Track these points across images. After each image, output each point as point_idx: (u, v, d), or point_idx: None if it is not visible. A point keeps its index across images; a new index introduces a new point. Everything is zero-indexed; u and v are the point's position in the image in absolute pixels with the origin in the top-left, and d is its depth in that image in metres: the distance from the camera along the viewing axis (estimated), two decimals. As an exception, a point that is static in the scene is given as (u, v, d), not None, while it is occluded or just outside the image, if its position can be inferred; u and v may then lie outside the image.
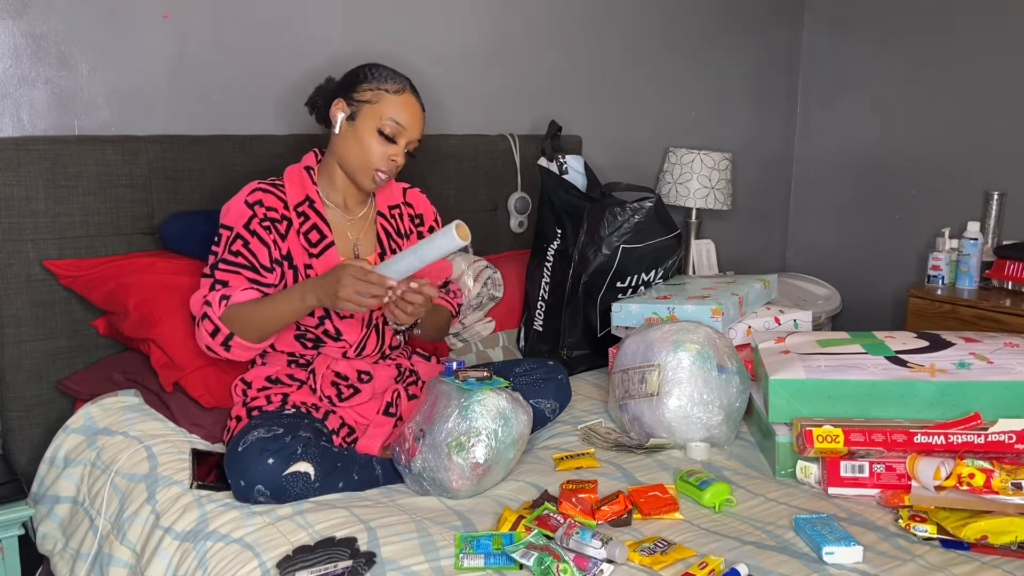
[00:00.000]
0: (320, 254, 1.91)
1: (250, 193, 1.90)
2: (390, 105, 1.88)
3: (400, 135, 1.89)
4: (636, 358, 2.02)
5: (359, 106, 1.89)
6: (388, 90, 1.89)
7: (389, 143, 1.89)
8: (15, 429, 2.14)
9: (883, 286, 3.42)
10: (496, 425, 1.69)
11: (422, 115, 1.93)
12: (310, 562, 1.45)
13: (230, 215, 1.89)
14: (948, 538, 1.55)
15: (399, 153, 1.90)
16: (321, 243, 1.92)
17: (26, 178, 2.07)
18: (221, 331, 1.82)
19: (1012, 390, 1.80)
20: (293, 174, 1.97)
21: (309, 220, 1.93)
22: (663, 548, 1.49)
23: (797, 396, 1.86)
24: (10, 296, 2.09)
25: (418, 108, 1.92)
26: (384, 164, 1.90)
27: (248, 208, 1.88)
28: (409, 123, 1.89)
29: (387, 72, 1.93)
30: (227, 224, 1.89)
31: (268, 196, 1.91)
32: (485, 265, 2.55)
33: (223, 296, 1.83)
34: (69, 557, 1.88)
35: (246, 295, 1.84)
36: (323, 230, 1.93)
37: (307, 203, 1.94)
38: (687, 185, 3.07)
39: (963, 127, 3.17)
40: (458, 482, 1.68)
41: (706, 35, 3.36)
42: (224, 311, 1.82)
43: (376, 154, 1.89)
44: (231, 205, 1.91)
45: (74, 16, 2.15)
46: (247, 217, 1.88)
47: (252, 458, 1.66)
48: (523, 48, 2.91)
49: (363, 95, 1.90)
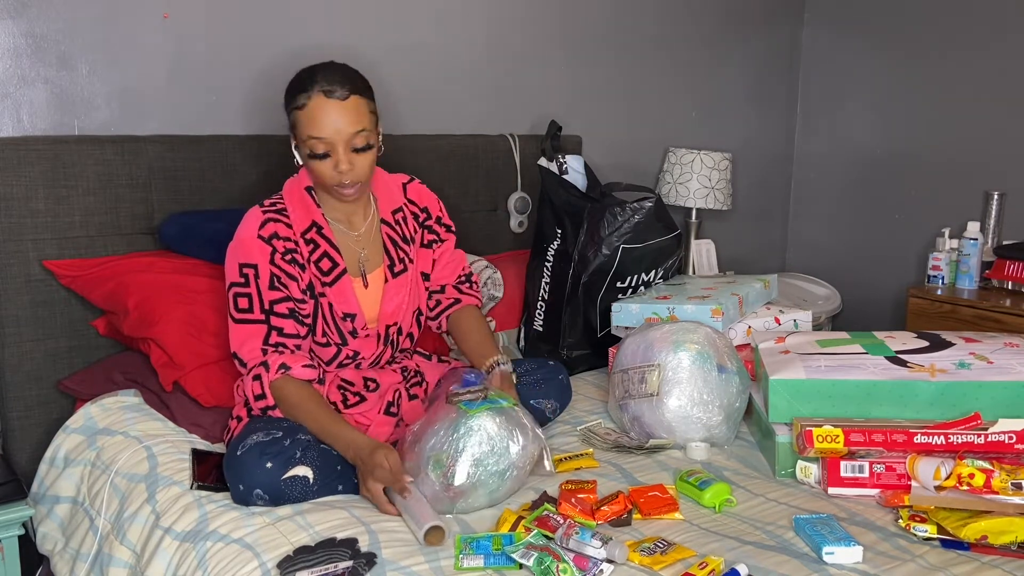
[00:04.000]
0: (333, 282, 1.87)
1: (261, 226, 1.82)
2: (304, 123, 1.75)
3: (329, 147, 1.76)
4: (636, 358, 2.02)
5: (294, 132, 1.81)
6: (299, 107, 1.76)
7: (326, 159, 1.77)
8: (15, 429, 2.14)
9: (883, 286, 3.42)
10: (481, 451, 1.61)
11: (342, 107, 1.74)
12: (311, 562, 1.45)
13: (250, 252, 1.80)
14: (948, 538, 1.55)
15: (341, 161, 1.76)
16: (333, 271, 1.87)
17: (26, 178, 2.07)
18: (266, 398, 1.77)
19: (1012, 390, 1.80)
20: (294, 195, 1.89)
21: (319, 248, 1.87)
22: (663, 548, 1.49)
23: (797, 396, 1.86)
24: (10, 296, 2.09)
25: (332, 104, 1.74)
26: (335, 179, 1.79)
27: (266, 244, 1.80)
28: (327, 129, 1.74)
29: (298, 81, 1.78)
30: (250, 262, 1.80)
31: (279, 226, 1.83)
32: (485, 265, 2.55)
33: (282, 365, 1.76)
34: (69, 557, 1.88)
35: (305, 373, 1.78)
36: (334, 257, 1.87)
37: (314, 229, 1.87)
38: (687, 185, 3.07)
39: (963, 127, 3.17)
40: (431, 498, 1.61)
41: (706, 35, 3.36)
42: (277, 379, 1.76)
43: (323, 174, 1.79)
44: (244, 240, 1.81)
45: (74, 16, 2.16)
46: (268, 253, 1.80)
47: (251, 462, 1.66)
48: (523, 48, 2.91)
49: (290, 120, 1.80)
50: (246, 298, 1.80)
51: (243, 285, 1.80)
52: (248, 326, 1.80)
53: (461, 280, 2.11)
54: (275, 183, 1.97)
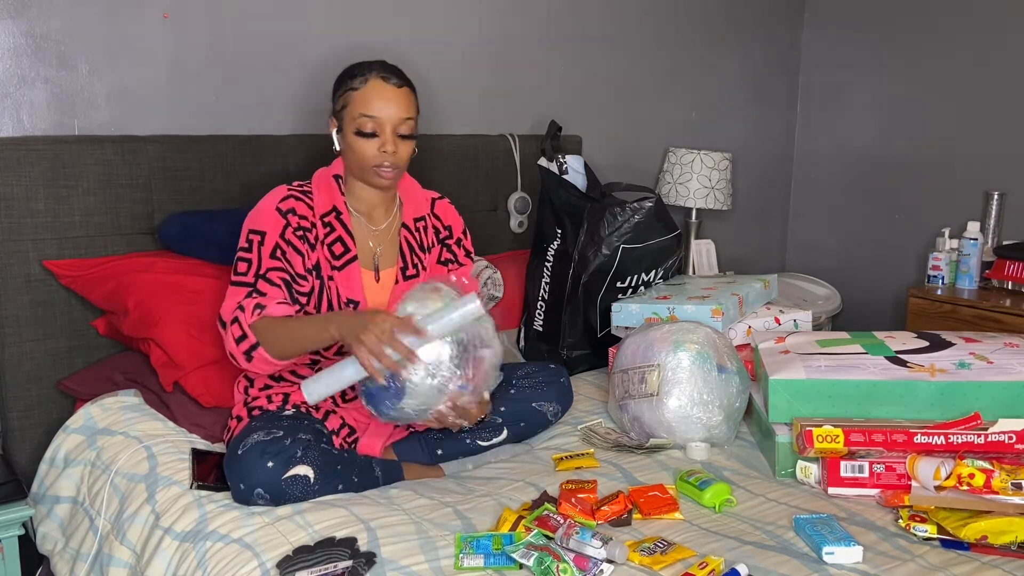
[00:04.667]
0: (343, 267, 1.89)
1: (282, 200, 1.87)
2: (358, 102, 1.83)
3: (378, 126, 1.83)
4: (636, 358, 2.02)
5: (340, 115, 1.87)
6: (354, 88, 1.84)
7: (372, 138, 1.83)
8: (15, 429, 2.14)
9: (883, 286, 3.42)
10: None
11: (397, 92, 1.85)
12: (310, 562, 1.45)
13: (262, 220, 1.85)
14: (948, 538, 1.55)
15: (388, 142, 1.83)
16: (344, 256, 1.89)
17: (26, 178, 2.07)
18: (247, 338, 1.76)
19: (1012, 390, 1.81)
20: (322, 181, 1.94)
21: (335, 232, 1.90)
22: (663, 548, 1.49)
23: (797, 396, 1.86)
24: (10, 296, 2.09)
25: (389, 88, 1.84)
26: (378, 159, 1.84)
27: (282, 216, 1.85)
28: (381, 109, 1.82)
29: (354, 68, 1.87)
30: (259, 229, 1.84)
31: (300, 204, 1.88)
32: (485, 265, 2.55)
33: (257, 305, 1.78)
34: (69, 557, 1.88)
35: (280, 309, 1.80)
36: (347, 243, 1.90)
37: (333, 213, 1.90)
38: (687, 185, 3.07)
39: (963, 127, 3.17)
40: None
41: (706, 35, 3.36)
42: (255, 320, 1.77)
43: (367, 154, 1.84)
44: (262, 209, 1.86)
45: (74, 16, 2.15)
46: (281, 226, 1.84)
47: (252, 461, 1.66)
48: (523, 48, 2.91)
49: (339, 104, 1.87)
50: (245, 263, 1.83)
51: (246, 250, 1.84)
52: (237, 288, 1.82)
53: None
54: (275, 183, 1.96)
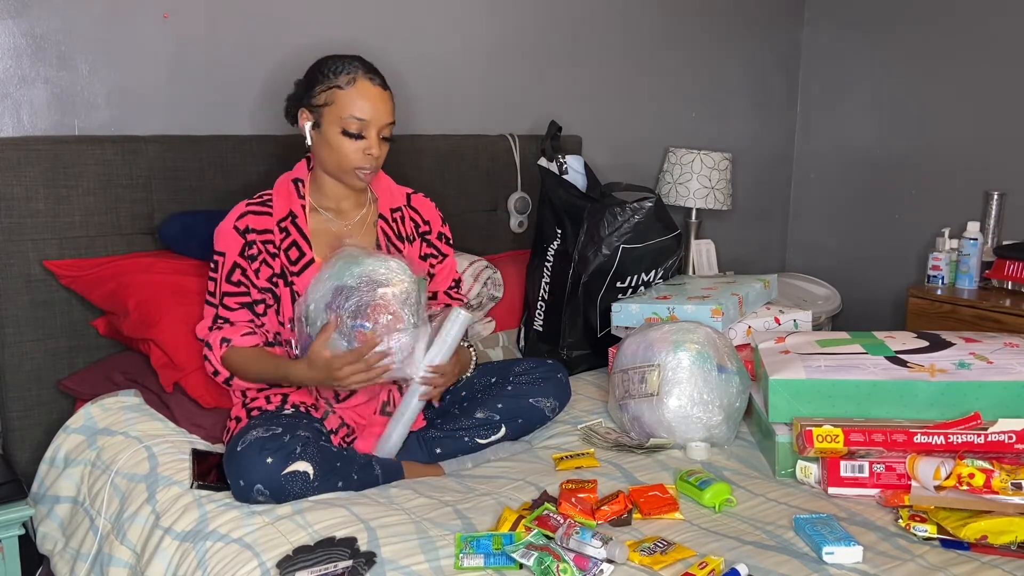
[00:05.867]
0: (300, 272, 1.89)
1: (239, 218, 1.90)
2: (345, 102, 1.82)
3: (365, 128, 1.83)
4: (636, 358, 2.02)
5: (320, 111, 1.86)
6: (340, 85, 1.83)
7: (358, 139, 1.84)
8: (15, 429, 2.14)
9: (883, 286, 3.42)
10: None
11: (383, 95, 1.85)
12: (310, 562, 1.45)
13: (222, 241, 1.90)
14: (948, 538, 1.55)
15: (372, 144, 1.84)
16: (301, 260, 1.90)
17: (26, 178, 2.07)
18: (220, 373, 1.88)
19: (1012, 390, 1.81)
20: (281, 187, 1.96)
21: (290, 237, 1.91)
22: (663, 548, 1.49)
23: (797, 396, 1.86)
24: (10, 296, 2.09)
25: (375, 90, 1.84)
26: (361, 161, 1.85)
27: (239, 235, 1.89)
28: (370, 112, 1.83)
29: (336, 64, 1.85)
30: (220, 251, 1.90)
31: (256, 218, 1.90)
32: (485, 265, 2.55)
33: (223, 339, 1.87)
34: (69, 557, 1.88)
35: (245, 341, 1.87)
36: (302, 247, 1.90)
37: (289, 219, 1.91)
38: (687, 185, 3.07)
39: (963, 127, 3.17)
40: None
41: (706, 35, 3.36)
42: (223, 353, 1.87)
43: (349, 155, 1.85)
44: (222, 230, 1.91)
45: (74, 16, 2.15)
46: (239, 245, 1.89)
47: (251, 457, 1.66)
48: (523, 48, 2.91)
49: (319, 98, 1.85)
50: (213, 282, 1.91)
51: (213, 271, 1.92)
52: (208, 308, 1.92)
53: (451, 287, 2.15)
54: (275, 183, 1.97)
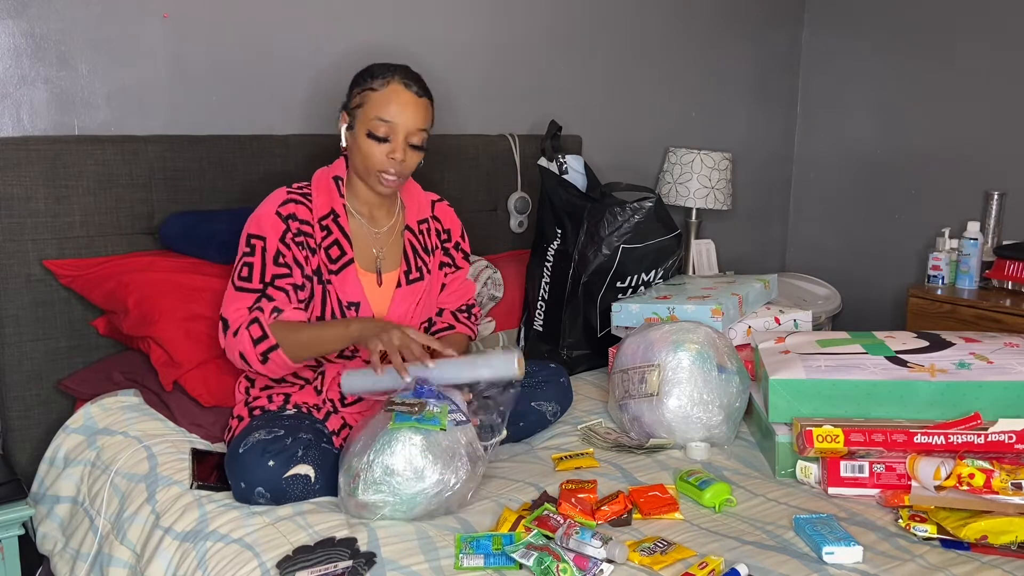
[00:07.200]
0: (339, 271, 1.88)
1: (282, 204, 1.85)
2: (375, 104, 1.82)
3: (392, 132, 1.82)
4: (636, 358, 2.02)
5: (355, 113, 1.86)
6: (373, 88, 1.82)
7: (383, 142, 1.83)
8: (15, 429, 2.14)
9: (883, 286, 3.42)
10: (393, 476, 1.55)
11: (416, 102, 1.83)
12: (310, 562, 1.45)
13: (263, 225, 1.84)
14: (948, 538, 1.55)
15: (397, 149, 1.82)
16: (341, 259, 1.88)
17: (26, 178, 2.07)
18: (267, 339, 1.76)
19: (1012, 390, 1.80)
20: (321, 183, 1.93)
21: (331, 235, 1.89)
22: (663, 548, 1.49)
23: (797, 396, 1.86)
24: (10, 296, 2.09)
25: (409, 96, 1.82)
26: (385, 164, 1.84)
27: (282, 221, 1.84)
28: (397, 115, 1.81)
29: (377, 68, 1.85)
30: (259, 234, 1.83)
31: (300, 208, 1.87)
32: (485, 265, 2.55)
33: (275, 308, 1.80)
34: (69, 557, 1.88)
35: (296, 314, 1.82)
36: (344, 246, 1.89)
37: (331, 216, 1.89)
38: (687, 185, 3.07)
39: (963, 127, 3.17)
40: (339, 500, 1.64)
41: (706, 35, 3.36)
42: (272, 322, 1.78)
43: (374, 157, 1.83)
44: (262, 214, 1.85)
45: (74, 16, 2.15)
46: (281, 231, 1.84)
47: (253, 460, 1.66)
48: (524, 48, 2.91)
49: (355, 101, 1.86)
50: (248, 267, 1.83)
51: (249, 255, 1.83)
52: (243, 294, 1.82)
53: (462, 309, 2.12)
54: (275, 183, 1.97)
